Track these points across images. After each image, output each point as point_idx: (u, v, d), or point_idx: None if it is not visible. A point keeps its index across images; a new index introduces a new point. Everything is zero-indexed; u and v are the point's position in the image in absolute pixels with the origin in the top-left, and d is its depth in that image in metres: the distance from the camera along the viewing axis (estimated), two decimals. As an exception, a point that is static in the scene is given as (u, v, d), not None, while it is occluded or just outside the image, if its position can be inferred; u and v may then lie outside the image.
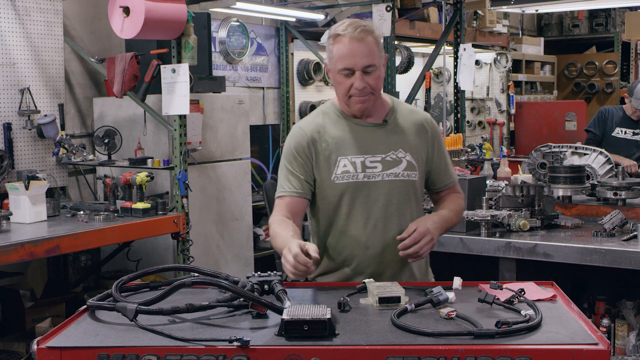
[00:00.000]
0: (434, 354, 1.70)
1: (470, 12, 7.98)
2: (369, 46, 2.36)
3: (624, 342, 3.69)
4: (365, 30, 2.37)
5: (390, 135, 2.47)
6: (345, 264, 2.49)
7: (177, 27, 4.18)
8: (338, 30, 2.40)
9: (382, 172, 2.43)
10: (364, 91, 2.38)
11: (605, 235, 3.57)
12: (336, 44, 2.38)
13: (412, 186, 2.47)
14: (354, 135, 2.46)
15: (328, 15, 6.53)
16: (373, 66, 2.37)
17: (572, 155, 4.68)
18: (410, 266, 2.50)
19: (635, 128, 5.64)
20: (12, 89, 4.41)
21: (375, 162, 2.44)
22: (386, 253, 2.45)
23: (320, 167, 2.46)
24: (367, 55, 2.35)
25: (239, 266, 5.17)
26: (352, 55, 2.35)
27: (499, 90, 8.71)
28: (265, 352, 1.74)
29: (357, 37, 2.35)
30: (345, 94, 2.41)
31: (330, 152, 2.45)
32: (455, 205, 2.55)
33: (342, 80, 2.39)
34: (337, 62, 2.38)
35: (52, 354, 1.76)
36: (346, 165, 2.43)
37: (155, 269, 2.36)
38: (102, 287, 4.77)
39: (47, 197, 4.09)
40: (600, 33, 10.61)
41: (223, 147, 5.05)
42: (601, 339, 1.76)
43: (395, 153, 2.45)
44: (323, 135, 2.47)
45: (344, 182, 2.42)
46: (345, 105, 2.48)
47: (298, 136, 2.50)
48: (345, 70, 2.37)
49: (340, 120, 2.49)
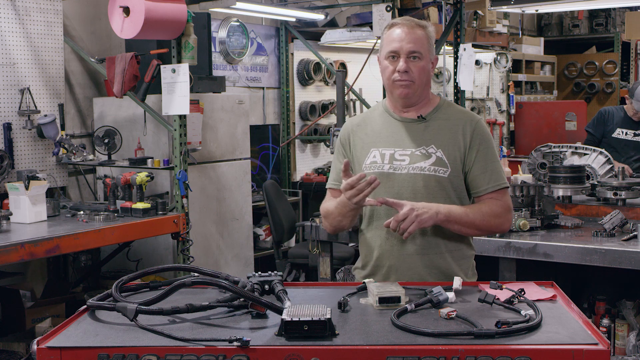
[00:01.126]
0: (434, 354, 1.70)
1: (470, 12, 7.98)
2: (417, 35, 2.44)
3: (624, 342, 3.69)
4: (418, 23, 2.48)
5: (426, 132, 2.50)
6: (371, 256, 2.53)
7: (177, 27, 4.18)
8: (393, 21, 2.52)
9: (409, 165, 2.45)
10: (406, 75, 2.43)
11: (605, 235, 3.57)
12: (388, 31, 2.49)
13: (440, 182, 2.44)
14: (391, 129, 2.53)
15: (328, 15, 6.54)
16: (418, 53, 2.43)
17: (572, 155, 4.68)
18: (431, 261, 2.46)
19: (637, 129, 5.63)
20: (12, 89, 4.41)
21: (404, 155, 2.47)
22: (407, 246, 2.45)
23: (356, 157, 2.55)
24: (413, 42, 2.43)
25: (239, 266, 5.17)
26: (399, 40, 2.43)
27: (499, 90, 8.71)
28: (265, 352, 1.74)
29: (408, 25, 2.46)
30: (389, 78, 2.47)
31: (367, 143, 2.54)
32: (484, 207, 2.46)
33: (388, 64, 2.47)
34: (385, 47, 2.48)
35: (52, 354, 1.76)
36: (375, 156, 2.50)
37: (155, 269, 2.36)
38: (102, 287, 4.77)
39: (47, 197, 4.09)
40: (600, 33, 10.61)
41: (223, 147, 5.06)
42: (601, 339, 1.76)
43: (426, 148, 2.47)
44: (364, 127, 2.58)
45: (370, 172, 2.47)
46: (389, 95, 2.55)
47: (344, 128, 2.64)
48: (391, 54, 2.45)
49: (383, 115, 2.58)
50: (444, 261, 2.47)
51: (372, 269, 2.52)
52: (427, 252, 2.45)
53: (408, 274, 2.44)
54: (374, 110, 2.65)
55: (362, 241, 2.59)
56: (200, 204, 4.83)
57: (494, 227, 2.47)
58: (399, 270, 2.46)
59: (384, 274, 2.48)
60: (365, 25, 6.43)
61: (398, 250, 2.46)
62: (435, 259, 2.46)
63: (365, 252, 2.57)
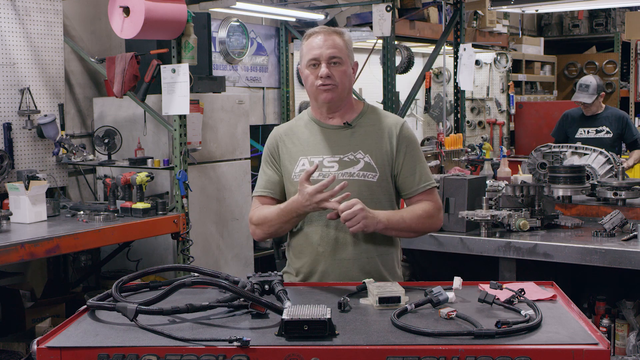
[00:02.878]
0: (434, 354, 1.70)
1: (470, 12, 7.98)
2: (335, 41, 2.48)
3: (624, 342, 3.69)
4: (335, 30, 2.53)
5: (353, 137, 2.53)
6: (302, 262, 2.54)
7: (177, 27, 4.18)
8: (309, 31, 2.54)
9: (338, 172, 2.48)
10: (329, 80, 2.46)
11: (605, 235, 3.57)
12: (306, 41, 2.52)
13: (369, 187, 2.48)
14: (318, 137, 2.55)
15: (328, 15, 6.53)
16: (338, 58, 2.47)
17: (572, 155, 4.68)
18: (363, 265, 2.49)
19: (597, 125, 5.68)
20: (12, 89, 4.41)
21: (333, 162, 2.50)
22: (337, 252, 2.48)
23: (285, 166, 2.56)
24: (332, 47, 2.47)
25: (239, 266, 5.17)
26: (318, 47, 2.47)
27: (499, 90, 8.71)
28: (265, 352, 1.74)
29: (325, 32, 2.50)
30: (312, 86, 2.50)
31: (295, 152, 2.55)
32: (417, 209, 2.50)
33: (309, 73, 2.49)
34: (305, 56, 2.51)
35: (52, 354, 1.76)
36: (305, 164, 2.51)
37: (155, 269, 2.36)
38: (102, 287, 4.77)
39: (47, 197, 4.09)
40: (600, 33, 10.61)
41: (223, 147, 5.05)
42: (601, 339, 1.76)
43: (354, 154, 2.51)
44: (291, 136, 2.59)
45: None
46: (314, 102, 2.57)
47: (272, 137, 2.64)
48: (312, 61, 2.48)
49: (309, 123, 2.59)
50: (375, 265, 2.51)
51: (305, 275, 2.53)
52: (360, 257, 2.49)
53: (341, 278, 2.47)
54: (299, 120, 2.65)
55: (293, 246, 2.58)
56: (200, 204, 4.83)
57: (428, 227, 2.54)
58: (331, 276, 2.48)
59: (317, 279, 2.50)
60: (365, 25, 6.43)
61: (331, 255, 2.48)
62: (367, 263, 2.50)
63: (297, 256, 2.56)
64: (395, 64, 6.04)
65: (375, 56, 6.89)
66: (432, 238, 3.74)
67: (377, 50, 6.48)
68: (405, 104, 6.39)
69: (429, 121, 8.76)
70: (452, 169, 4.85)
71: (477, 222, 3.66)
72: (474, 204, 3.75)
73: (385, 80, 5.93)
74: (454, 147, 6.05)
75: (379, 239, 2.51)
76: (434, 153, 5.80)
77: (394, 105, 5.93)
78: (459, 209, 3.72)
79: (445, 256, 3.85)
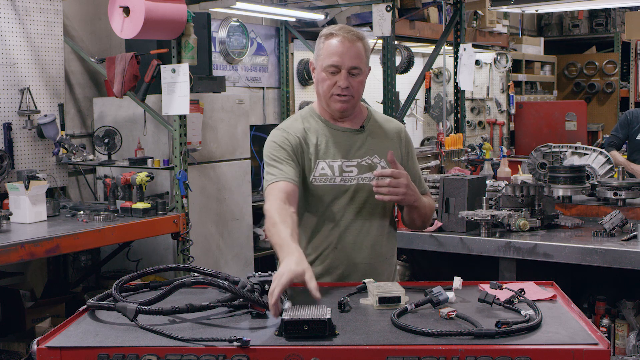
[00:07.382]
0: (434, 354, 1.70)
1: (470, 12, 7.99)
2: (358, 49, 2.42)
3: (624, 342, 3.69)
4: (357, 35, 2.45)
5: (367, 141, 2.53)
6: (317, 263, 2.53)
7: (177, 27, 4.18)
8: (331, 30, 2.46)
9: (357, 176, 2.49)
10: (347, 91, 2.43)
11: (605, 235, 3.57)
12: (327, 41, 2.44)
13: None
14: (333, 140, 2.51)
15: (328, 15, 6.54)
16: (359, 69, 2.43)
17: (572, 155, 4.68)
18: (380, 270, 2.52)
19: None
20: (12, 89, 4.41)
21: (351, 166, 2.50)
22: (355, 255, 2.49)
23: (306, 165, 2.50)
24: (355, 57, 2.41)
25: (239, 266, 5.17)
26: (341, 54, 2.40)
27: (499, 90, 8.72)
28: (265, 352, 1.74)
29: (349, 38, 2.42)
30: (327, 91, 2.45)
31: (311, 155, 2.50)
32: (428, 202, 2.59)
33: (326, 77, 2.44)
34: (325, 59, 2.43)
35: (52, 354, 1.76)
36: (324, 168, 2.48)
37: (155, 269, 2.36)
38: (102, 287, 4.77)
39: (47, 197, 4.09)
40: (600, 33, 10.62)
41: (223, 147, 5.05)
42: (601, 339, 1.76)
43: (370, 158, 2.51)
44: (305, 139, 2.51)
45: (321, 185, 2.47)
46: (324, 106, 2.52)
47: (280, 136, 2.49)
48: (332, 67, 2.42)
49: (320, 125, 2.54)
50: (389, 267, 2.57)
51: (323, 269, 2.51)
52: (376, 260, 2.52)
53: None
54: (305, 120, 2.54)
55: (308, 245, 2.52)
56: (200, 204, 4.83)
57: (428, 221, 2.63)
58: (350, 277, 2.49)
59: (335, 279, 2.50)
60: (365, 25, 6.43)
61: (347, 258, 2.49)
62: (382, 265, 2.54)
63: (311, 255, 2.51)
64: (395, 64, 6.04)
65: (375, 56, 6.90)
66: (432, 238, 3.74)
67: (377, 50, 6.48)
68: (405, 104, 6.39)
69: (429, 121, 8.77)
70: (452, 169, 4.85)
71: (477, 222, 3.66)
72: (474, 204, 3.76)
73: (385, 80, 5.93)
74: (454, 147, 6.06)
75: (392, 242, 2.59)
76: (434, 153, 5.80)
77: (394, 105, 5.93)
78: (459, 209, 3.72)
79: (445, 256, 3.85)
